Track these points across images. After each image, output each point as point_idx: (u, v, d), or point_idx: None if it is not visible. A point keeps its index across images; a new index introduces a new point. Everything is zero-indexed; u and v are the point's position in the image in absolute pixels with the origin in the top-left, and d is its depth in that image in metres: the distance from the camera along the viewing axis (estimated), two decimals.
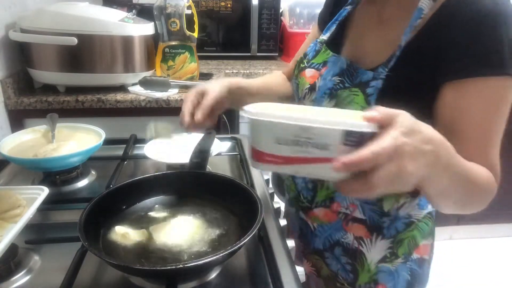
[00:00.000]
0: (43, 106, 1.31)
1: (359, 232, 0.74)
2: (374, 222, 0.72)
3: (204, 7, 1.95)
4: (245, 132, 1.39)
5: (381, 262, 0.74)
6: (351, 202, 0.73)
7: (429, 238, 0.76)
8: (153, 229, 0.66)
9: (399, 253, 0.74)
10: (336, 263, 0.78)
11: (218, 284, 0.62)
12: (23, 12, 1.39)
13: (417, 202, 0.73)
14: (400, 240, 0.73)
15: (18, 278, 0.62)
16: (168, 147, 1.00)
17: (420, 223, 0.74)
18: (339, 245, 0.77)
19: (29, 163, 0.88)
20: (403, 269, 0.75)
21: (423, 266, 0.76)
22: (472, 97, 0.59)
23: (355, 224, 0.74)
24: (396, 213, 0.72)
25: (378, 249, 0.74)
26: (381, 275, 0.75)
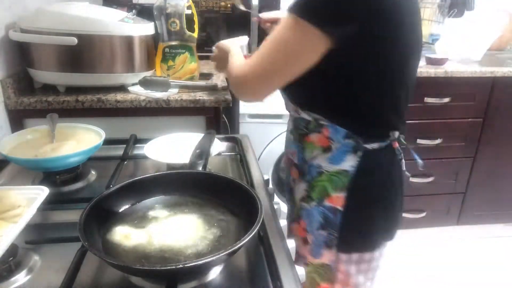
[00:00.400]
0: (43, 106, 1.31)
1: (294, 174, 0.94)
2: (300, 167, 0.91)
3: (204, 7, 1.95)
4: (245, 132, 1.40)
5: (301, 201, 0.91)
6: (292, 150, 0.93)
7: (342, 192, 0.85)
8: (153, 229, 0.66)
9: (313, 196, 0.88)
10: (287, 198, 1.02)
11: (218, 284, 0.62)
12: (23, 12, 1.39)
13: (328, 156, 0.85)
14: (313, 185, 0.88)
15: (18, 278, 0.62)
16: (168, 147, 1.00)
17: (332, 176, 0.85)
18: (287, 184, 1.00)
19: (29, 163, 0.88)
20: (317, 212, 0.88)
21: (336, 214, 0.86)
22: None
23: (293, 168, 0.95)
24: (311, 161, 0.88)
25: (300, 189, 0.91)
26: (302, 212, 0.91)
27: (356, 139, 0.83)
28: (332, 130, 0.83)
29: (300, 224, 0.92)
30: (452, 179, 2.24)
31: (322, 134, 0.85)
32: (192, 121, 1.43)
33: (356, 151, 0.83)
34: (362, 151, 0.83)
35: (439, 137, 2.11)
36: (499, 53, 2.50)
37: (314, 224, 0.88)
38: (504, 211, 2.37)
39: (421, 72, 1.92)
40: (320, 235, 0.88)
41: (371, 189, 0.87)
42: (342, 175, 0.84)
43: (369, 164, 0.84)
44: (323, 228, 0.88)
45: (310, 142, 0.87)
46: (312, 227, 0.89)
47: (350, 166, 0.83)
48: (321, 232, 0.88)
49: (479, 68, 1.98)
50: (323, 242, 0.89)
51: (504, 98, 2.07)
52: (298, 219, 0.92)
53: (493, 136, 2.15)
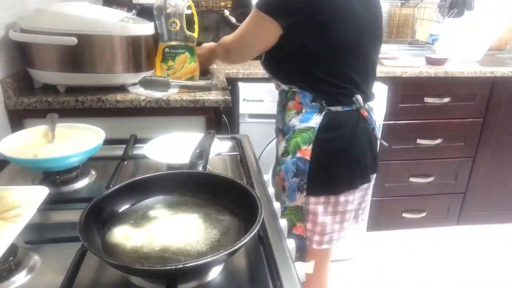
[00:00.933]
0: (43, 106, 1.31)
1: (279, 137, 1.19)
2: (283, 130, 1.16)
3: (204, 7, 1.95)
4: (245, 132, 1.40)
5: (281, 156, 1.15)
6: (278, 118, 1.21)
7: (309, 145, 1.08)
8: (153, 229, 0.66)
9: (289, 150, 1.12)
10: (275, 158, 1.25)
11: (218, 284, 0.62)
12: (23, 12, 1.39)
13: (299, 117, 1.10)
14: (289, 141, 1.12)
15: (18, 278, 0.62)
16: (168, 147, 1.00)
17: (302, 132, 1.09)
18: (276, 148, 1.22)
19: (29, 163, 0.88)
20: (291, 163, 1.11)
21: (305, 164, 1.09)
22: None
23: (279, 133, 1.20)
24: (288, 123, 1.13)
25: (281, 146, 1.15)
26: (281, 166, 1.15)
27: (320, 102, 1.08)
28: (302, 96, 1.10)
29: (279, 175, 1.16)
30: (452, 179, 2.24)
31: (295, 100, 1.12)
32: (192, 121, 1.43)
33: (321, 112, 1.08)
34: (326, 112, 1.08)
35: (439, 137, 2.11)
36: (499, 53, 2.50)
37: (289, 173, 1.12)
38: (504, 211, 2.37)
39: (421, 72, 1.92)
40: (294, 182, 1.12)
41: (333, 143, 1.09)
42: (310, 131, 1.09)
43: (332, 123, 1.07)
44: (295, 175, 1.11)
45: (288, 109, 1.14)
46: (288, 176, 1.13)
47: (315, 123, 1.08)
48: (295, 179, 1.11)
49: (479, 68, 1.98)
50: (296, 188, 1.12)
51: (504, 98, 2.07)
52: (279, 171, 1.16)
53: (493, 136, 2.15)
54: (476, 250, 2.29)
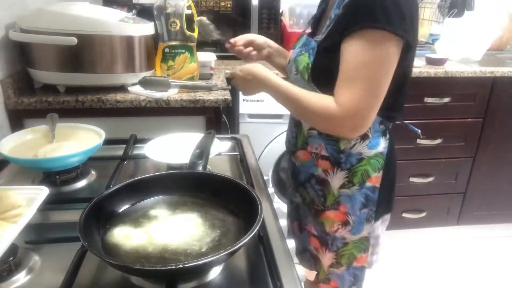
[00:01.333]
0: (43, 106, 1.31)
1: (325, 166, 0.99)
2: (334, 157, 0.96)
3: (204, 7, 1.95)
4: (245, 132, 1.40)
5: (341, 188, 0.98)
6: (318, 144, 0.98)
7: (380, 171, 0.98)
8: (153, 229, 0.66)
9: (354, 181, 0.97)
10: (312, 190, 1.04)
11: (218, 284, 0.62)
12: (23, 12, 1.39)
13: (367, 143, 0.94)
14: (355, 171, 0.96)
15: (18, 278, 0.62)
16: (168, 147, 1.00)
17: (371, 159, 0.96)
18: (313, 176, 1.02)
19: (29, 163, 0.88)
20: (359, 194, 0.98)
21: (375, 192, 0.99)
22: (349, 47, 0.81)
23: (322, 160, 0.99)
24: (349, 151, 0.95)
25: (338, 178, 0.97)
26: (342, 198, 0.99)
27: (386, 124, 0.96)
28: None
29: (339, 210, 1.00)
30: (452, 179, 2.24)
31: None
32: (192, 121, 1.43)
33: (385, 134, 0.97)
34: (388, 133, 0.98)
35: (439, 137, 2.11)
36: (499, 53, 2.50)
37: (356, 205, 0.99)
38: (504, 211, 2.37)
39: (421, 72, 1.92)
40: (363, 213, 0.99)
41: (393, 164, 1.02)
42: (379, 157, 0.97)
43: (391, 144, 0.99)
44: (364, 206, 0.99)
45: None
46: (354, 209, 0.99)
47: (383, 148, 0.97)
48: (363, 210, 0.99)
49: (479, 68, 1.98)
50: (364, 219, 1.00)
51: (504, 98, 2.07)
52: (337, 205, 1.00)
53: (493, 136, 2.15)
54: (476, 250, 2.29)
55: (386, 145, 0.97)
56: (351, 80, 0.81)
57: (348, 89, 0.81)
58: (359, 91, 0.80)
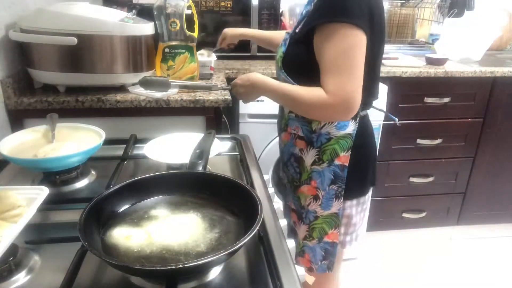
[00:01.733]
0: (43, 106, 1.31)
1: (301, 145, 1.10)
2: (308, 137, 1.08)
3: (204, 7, 1.95)
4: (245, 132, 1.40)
5: (312, 164, 1.09)
6: (295, 126, 1.10)
7: (348, 151, 1.06)
8: (153, 229, 0.66)
9: (324, 159, 1.07)
10: (291, 168, 1.16)
11: (218, 284, 0.62)
12: (23, 12, 1.39)
13: (335, 124, 1.04)
14: (324, 150, 1.06)
15: (18, 278, 0.62)
16: (168, 147, 1.00)
17: (340, 140, 1.05)
18: (292, 155, 1.14)
19: (29, 163, 0.88)
20: (327, 171, 1.08)
21: (343, 170, 1.07)
22: (323, 38, 0.92)
23: (298, 140, 1.10)
24: (319, 131, 1.06)
25: (310, 155, 1.09)
26: (313, 174, 1.10)
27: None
28: None
29: (311, 184, 1.11)
30: (452, 179, 2.24)
31: None
32: (192, 121, 1.43)
33: (356, 117, 1.05)
34: (358, 117, 1.05)
35: (439, 137, 2.11)
36: (499, 53, 2.50)
37: (325, 181, 1.08)
38: (504, 211, 2.37)
39: (421, 72, 1.92)
40: (331, 189, 1.09)
41: (365, 147, 1.11)
42: (347, 138, 1.05)
43: (363, 128, 1.08)
44: (333, 183, 1.08)
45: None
46: (324, 184, 1.09)
47: (352, 130, 1.05)
48: (332, 186, 1.09)
49: (479, 68, 1.98)
50: (333, 195, 1.09)
51: (504, 98, 2.07)
52: (309, 180, 1.11)
53: (493, 136, 2.15)
54: (476, 250, 2.29)
55: (356, 127, 1.05)
56: (334, 70, 0.92)
57: (333, 78, 0.92)
58: (342, 78, 0.91)
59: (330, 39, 0.91)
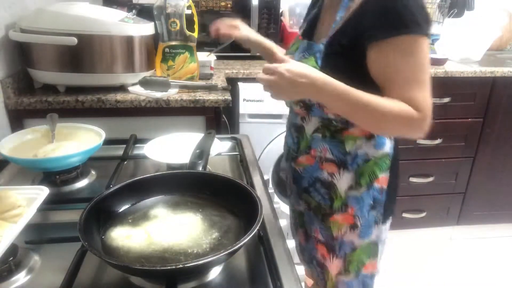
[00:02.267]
0: (43, 106, 1.31)
1: (331, 169, 0.96)
2: (340, 160, 0.94)
3: (204, 7, 1.95)
4: (245, 132, 1.40)
5: (349, 190, 0.95)
6: (323, 147, 0.95)
7: (387, 172, 0.97)
8: (153, 229, 0.66)
9: (362, 182, 0.95)
10: (318, 195, 1.00)
11: (218, 284, 0.62)
12: (23, 12, 1.39)
13: (373, 144, 0.93)
14: (362, 172, 0.94)
15: (18, 278, 0.62)
16: (168, 147, 1.00)
17: (378, 160, 0.95)
18: (318, 180, 0.98)
19: (29, 163, 0.88)
20: (367, 195, 0.95)
21: (382, 193, 0.97)
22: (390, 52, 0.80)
23: (327, 163, 0.96)
24: (355, 152, 0.93)
25: (345, 180, 0.95)
26: (350, 200, 0.96)
27: None
28: None
29: (348, 212, 0.97)
30: (452, 179, 2.24)
31: None
32: (192, 121, 1.43)
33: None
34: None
35: (439, 137, 2.11)
36: (499, 53, 2.50)
37: (364, 207, 0.96)
38: (504, 211, 2.37)
39: None
40: (371, 215, 0.97)
41: (398, 164, 1.02)
42: (386, 158, 0.96)
43: (396, 143, 1.00)
44: (372, 208, 0.97)
45: (350, 135, 0.93)
46: (363, 211, 0.96)
47: (389, 148, 0.96)
48: (372, 212, 0.97)
49: (479, 68, 1.98)
50: (373, 221, 0.98)
51: (504, 98, 2.07)
52: (345, 208, 0.97)
53: (493, 136, 2.15)
54: (476, 250, 2.29)
55: (392, 145, 0.97)
56: (418, 84, 0.81)
57: (420, 92, 0.81)
58: (425, 93, 0.81)
59: (406, 52, 0.80)
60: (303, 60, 0.92)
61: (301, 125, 0.99)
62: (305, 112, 0.97)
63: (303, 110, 0.97)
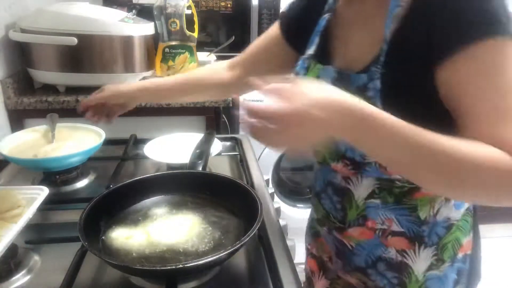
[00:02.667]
0: (43, 106, 1.31)
1: (401, 245, 0.70)
2: (413, 232, 0.69)
3: (204, 7, 1.95)
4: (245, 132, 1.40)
5: (428, 270, 0.71)
6: (386, 217, 0.69)
7: (470, 234, 0.74)
8: (153, 229, 0.66)
9: (445, 257, 0.71)
10: (382, 278, 0.74)
11: (218, 284, 0.62)
12: (23, 12, 1.39)
13: (453, 203, 0.69)
14: (444, 244, 0.70)
15: (18, 278, 0.62)
16: (168, 147, 1.00)
17: (460, 222, 0.71)
18: (381, 260, 0.72)
19: (29, 163, 0.88)
20: (451, 271, 0.73)
21: (466, 261, 0.74)
22: (468, 68, 0.53)
23: (395, 238, 0.70)
24: (434, 219, 0.69)
25: (424, 258, 0.70)
26: (429, 283, 0.72)
27: None
28: None
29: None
30: None
31: None
32: (192, 121, 1.43)
33: None
34: None
35: None
36: None
37: (448, 287, 0.74)
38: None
39: None
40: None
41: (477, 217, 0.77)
42: (467, 215, 0.73)
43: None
44: (456, 283, 0.74)
45: (423, 198, 0.67)
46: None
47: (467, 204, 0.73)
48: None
49: None
50: None
51: None
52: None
53: None
54: None
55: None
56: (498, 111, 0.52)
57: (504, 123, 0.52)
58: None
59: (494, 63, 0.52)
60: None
61: (345, 187, 0.72)
62: (351, 171, 0.69)
63: (348, 169, 0.69)
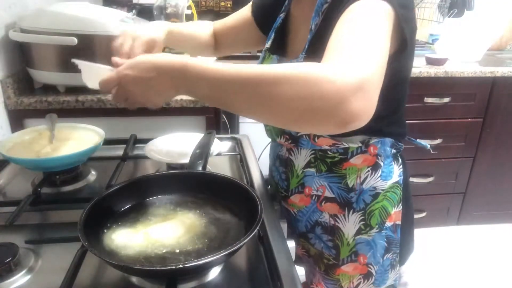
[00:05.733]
0: (43, 106, 1.31)
1: (333, 210, 0.80)
2: (343, 198, 0.79)
3: (204, 7, 1.95)
4: (245, 132, 1.40)
5: (357, 234, 0.80)
6: (320, 184, 0.80)
7: (399, 205, 0.81)
8: (153, 229, 0.66)
9: (372, 223, 0.79)
10: (319, 242, 0.85)
11: (218, 284, 0.62)
12: (23, 12, 1.39)
13: (379, 174, 0.78)
14: (371, 211, 0.79)
15: (18, 278, 0.62)
16: (168, 147, 1.00)
17: (388, 193, 0.79)
18: (318, 224, 0.83)
19: (29, 163, 0.88)
20: (379, 238, 0.80)
21: (397, 231, 0.82)
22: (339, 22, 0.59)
23: (327, 203, 0.81)
24: (360, 187, 0.78)
25: (352, 223, 0.80)
26: (360, 247, 0.81)
27: (398, 146, 0.80)
28: (380, 144, 0.76)
29: (358, 261, 0.82)
30: (452, 179, 2.24)
31: (368, 154, 0.76)
32: (192, 121, 1.43)
33: (397, 158, 0.81)
34: (399, 156, 0.81)
35: (439, 137, 2.11)
36: (499, 53, 2.50)
37: (378, 252, 0.81)
38: (504, 211, 2.37)
39: (421, 72, 1.92)
40: (386, 259, 0.83)
41: (410, 192, 0.84)
42: (396, 188, 0.80)
43: (405, 167, 0.82)
44: (387, 251, 0.82)
45: (351, 167, 0.77)
46: (377, 257, 0.82)
47: (398, 176, 0.80)
48: (387, 256, 0.83)
49: (479, 68, 1.98)
50: (389, 266, 0.84)
51: (504, 98, 2.07)
52: (354, 256, 0.82)
53: (493, 136, 2.15)
54: (476, 250, 2.29)
55: (401, 171, 0.81)
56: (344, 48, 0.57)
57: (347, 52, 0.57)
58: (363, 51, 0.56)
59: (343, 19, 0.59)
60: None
61: (288, 158, 0.83)
62: (291, 144, 0.81)
63: (288, 143, 0.81)
